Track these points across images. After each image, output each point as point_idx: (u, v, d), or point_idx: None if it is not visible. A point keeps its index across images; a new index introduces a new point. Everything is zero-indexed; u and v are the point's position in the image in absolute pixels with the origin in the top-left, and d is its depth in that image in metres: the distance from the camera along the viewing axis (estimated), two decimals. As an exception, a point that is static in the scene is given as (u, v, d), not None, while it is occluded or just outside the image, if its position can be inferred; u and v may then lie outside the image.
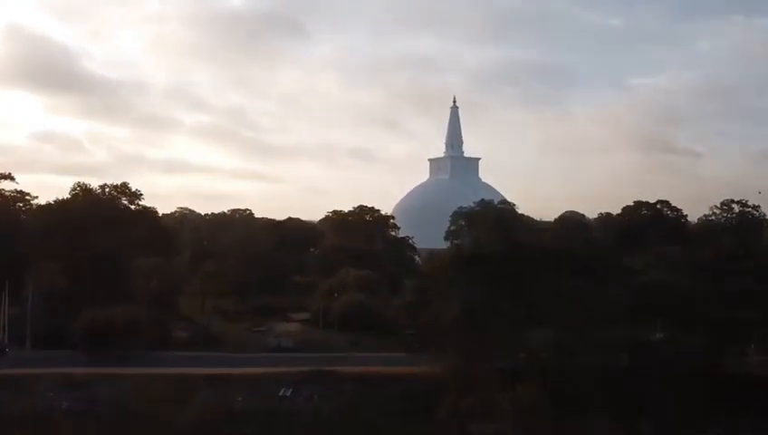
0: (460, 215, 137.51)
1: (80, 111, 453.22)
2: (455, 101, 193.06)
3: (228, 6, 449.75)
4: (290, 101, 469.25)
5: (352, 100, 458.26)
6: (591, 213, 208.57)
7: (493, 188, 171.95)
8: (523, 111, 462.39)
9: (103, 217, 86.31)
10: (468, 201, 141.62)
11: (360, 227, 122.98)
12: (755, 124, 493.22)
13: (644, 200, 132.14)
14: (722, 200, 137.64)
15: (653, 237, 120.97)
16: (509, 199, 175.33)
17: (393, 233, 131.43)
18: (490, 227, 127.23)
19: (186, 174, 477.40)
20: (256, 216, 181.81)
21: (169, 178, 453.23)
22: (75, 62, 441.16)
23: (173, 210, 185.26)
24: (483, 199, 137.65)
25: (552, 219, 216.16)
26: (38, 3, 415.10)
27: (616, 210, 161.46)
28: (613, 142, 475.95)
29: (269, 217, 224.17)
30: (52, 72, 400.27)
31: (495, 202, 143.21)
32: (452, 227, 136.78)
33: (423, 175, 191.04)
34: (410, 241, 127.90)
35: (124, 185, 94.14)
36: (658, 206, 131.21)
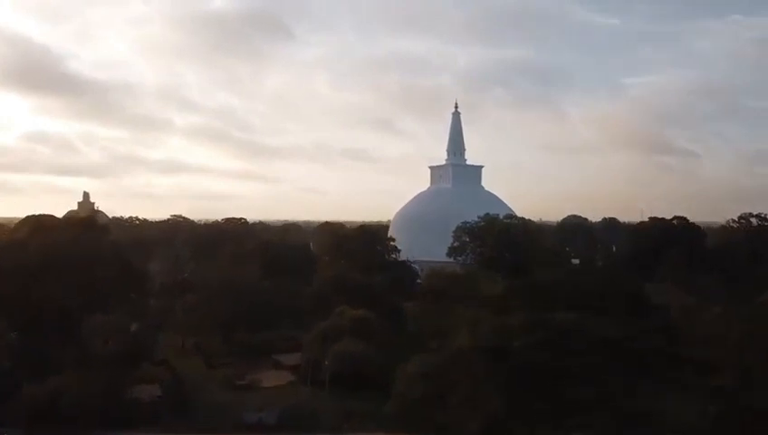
0: (464, 230, 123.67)
1: (71, 113, 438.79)
2: (456, 107, 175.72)
3: (218, 8, 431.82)
4: (283, 102, 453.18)
5: (345, 100, 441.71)
6: (592, 214, 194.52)
7: (496, 197, 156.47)
8: (519, 113, 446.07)
9: (63, 261, 71.03)
10: (471, 211, 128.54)
11: (360, 251, 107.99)
12: (752, 124, 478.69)
13: (659, 217, 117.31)
14: (740, 214, 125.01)
15: (671, 258, 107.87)
16: (511, 204, 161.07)
17: (394, 256, 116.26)
18: (496, 245, 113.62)
19: (180, 174, 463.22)
20: (253, 219, 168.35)
21: (164, 178, 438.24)
22: (65, 63, 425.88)
23: (166, 217, 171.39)
24: (488, 213, 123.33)
25: (554, 221, 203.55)
26: (27, 6, 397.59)
27: (617, 212, 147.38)
28: (611, 143, 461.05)
29: (265, 219, 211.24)
30: (43, 74, 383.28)
31: (500, 214, 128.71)
32: (455, 244, 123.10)
33: (423, 181, 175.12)
34: (412, 264, 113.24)
35: (90, 219, 79.24)
36: (675, 222, 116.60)
